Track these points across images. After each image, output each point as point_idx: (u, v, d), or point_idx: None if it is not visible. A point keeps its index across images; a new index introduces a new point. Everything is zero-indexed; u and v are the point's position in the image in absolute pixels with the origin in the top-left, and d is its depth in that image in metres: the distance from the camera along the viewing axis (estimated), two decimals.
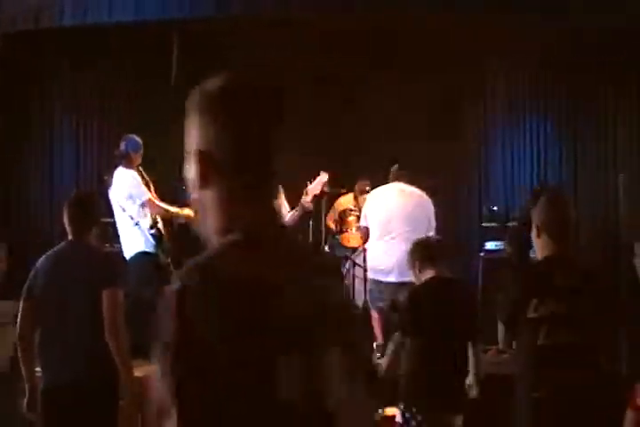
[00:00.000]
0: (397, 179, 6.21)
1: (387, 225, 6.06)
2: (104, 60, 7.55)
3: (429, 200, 6.14)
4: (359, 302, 7.35)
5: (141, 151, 6.34)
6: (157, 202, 6.13)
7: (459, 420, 3.92)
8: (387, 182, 6.30)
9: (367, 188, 7.52)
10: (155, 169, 6.53)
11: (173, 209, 6.16)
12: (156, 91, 7.79)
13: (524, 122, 7.83)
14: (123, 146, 6.29)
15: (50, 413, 3.62)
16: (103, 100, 7.67)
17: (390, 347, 3.96)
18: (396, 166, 6.28)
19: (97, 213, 3.91)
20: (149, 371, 5.61)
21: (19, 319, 3.71)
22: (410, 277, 5.24)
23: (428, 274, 4.08)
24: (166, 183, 7.59)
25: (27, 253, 6.78)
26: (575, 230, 3.33)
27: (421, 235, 5.82)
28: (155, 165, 6.47)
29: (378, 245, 6.11)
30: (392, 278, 6.00)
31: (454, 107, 8.23)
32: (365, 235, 6.24)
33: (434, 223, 6.07)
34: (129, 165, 6.24)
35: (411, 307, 3.98)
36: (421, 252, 4.13)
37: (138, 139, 6.39)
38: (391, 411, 4.17)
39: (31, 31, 6.56)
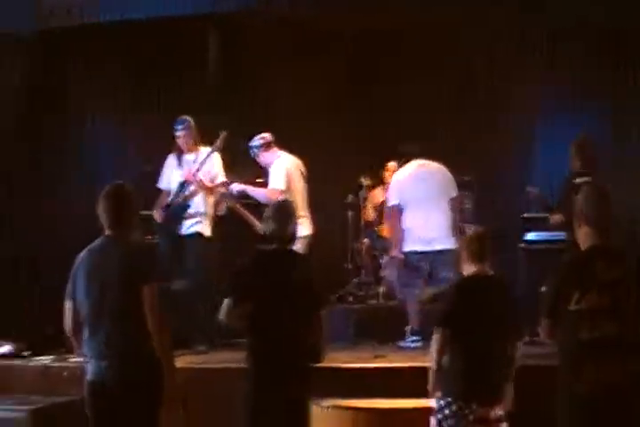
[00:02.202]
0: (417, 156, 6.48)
1: (424, 201, 6.29)
2: (141, 55, 7.62)
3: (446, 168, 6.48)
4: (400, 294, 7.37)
5: (177, 135, 6.33)
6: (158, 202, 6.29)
7: (498, 411, 3.92)
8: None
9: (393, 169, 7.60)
10: None
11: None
12: (193, 85, 7.84)
13: (566, 110, 7.74)
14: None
15: (95, 405, 3.65)
16: (142, 96, 7.72)
17: (434, 340, 3.97)
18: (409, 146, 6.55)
19: (133, 205, 3.83)
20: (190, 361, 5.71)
21: (66, 318, 3.75)
22: (447, 245, 6.07)
23: (472, 268, 4.09)
24: None
25: (69, 246, 6.91)
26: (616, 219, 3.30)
27: (446, 203, 6.34)
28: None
29: (417, 218, 6.28)
30: (432, 247, 6.21)
31: (496, 96, 8.13)
32: (397, 213, 6.34)
33: (455, 189, 6.46)
34: (177, 148, 6.35)
35: (451, 301, 4.00)
36: (471, 246, 4.14)
37: (178, 123, 6.37)
38: (422, 402, 4.19)
39: (69, 27, 6.65)
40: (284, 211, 4.34)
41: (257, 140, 6.41)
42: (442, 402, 3.90)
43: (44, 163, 7.31)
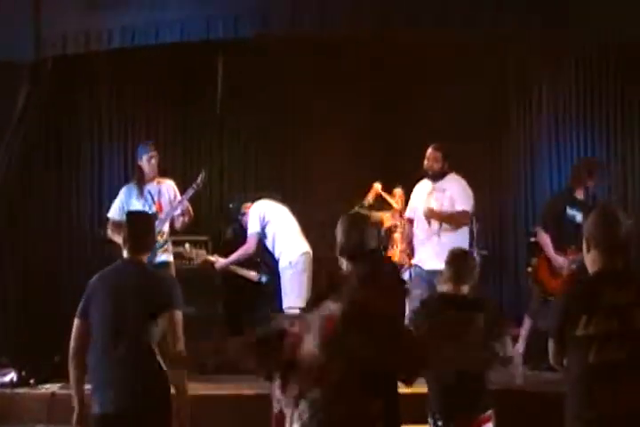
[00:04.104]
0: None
1: None
2: (150, 83, 7.66)
3: None
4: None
5: (148, 156, 6.27)
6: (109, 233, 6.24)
7: None
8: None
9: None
10: (201, 192, 6.60)
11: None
12: (202, 112, 7.87)
13: (570, 133, 7.73)
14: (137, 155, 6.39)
15: None
16: (150, 123, 7.76)
17: None
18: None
19: (153, 231, 3.94)
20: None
21: (72, 339, 3.67)
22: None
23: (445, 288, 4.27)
24: (211, 206, 7.69)
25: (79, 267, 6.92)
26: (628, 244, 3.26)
27: None
28: (201, 189, 6.50)
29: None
30: None
31: (498, 119, 8.11)
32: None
33: None
34: (138, 177, 6.28)
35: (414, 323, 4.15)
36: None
37: (145, 145, 6.39)
38: None
39: (80, 54, 6.69)
40: (352, 221, 3.79)
41: (241, 214, 6.81)
42: (430, 421, 4.04)
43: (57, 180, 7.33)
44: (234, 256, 6.67)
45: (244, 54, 7.59)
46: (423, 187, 6.52)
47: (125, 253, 3.73)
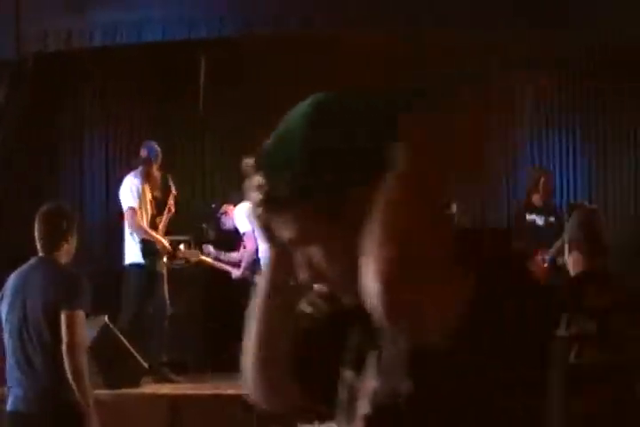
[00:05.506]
0: None
1: None
2: (132, 81, 7.61)
3: None
4: None
5: (159, 156, 6.35)
6: (141, 223, 6.05)
7: None
8: None
9: None
10: (183, 191, 6.57)
11: (156, 236, 6.10)
12: (184, 110, 7.82)
13: (551, 136, 7.76)
14: (144, 152, 6.33)
15: None
16: (133, 122, 7.70)
17: None
18: None
19: (69, 228, 3.69)
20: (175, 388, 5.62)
21: None
22: None
23: None
24: (189, 206, 7.64)
25: None
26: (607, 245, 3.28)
27: None
28: (182, 188, 6.48)
29: None
30: None
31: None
32: None
33: None
34: (145, 172, 6.22)
35: None
36: None
37: (154, 143, 6.43)
38: None
39: (62, 51, 6.64)
40: None
41: (220, 213, 6.79)
42: None
43: (37, 179, 7.26)
44: (245, 262, 6.54)
45: (227, 52, 7.55)
46: None
47: (39, 252, 3.65)
